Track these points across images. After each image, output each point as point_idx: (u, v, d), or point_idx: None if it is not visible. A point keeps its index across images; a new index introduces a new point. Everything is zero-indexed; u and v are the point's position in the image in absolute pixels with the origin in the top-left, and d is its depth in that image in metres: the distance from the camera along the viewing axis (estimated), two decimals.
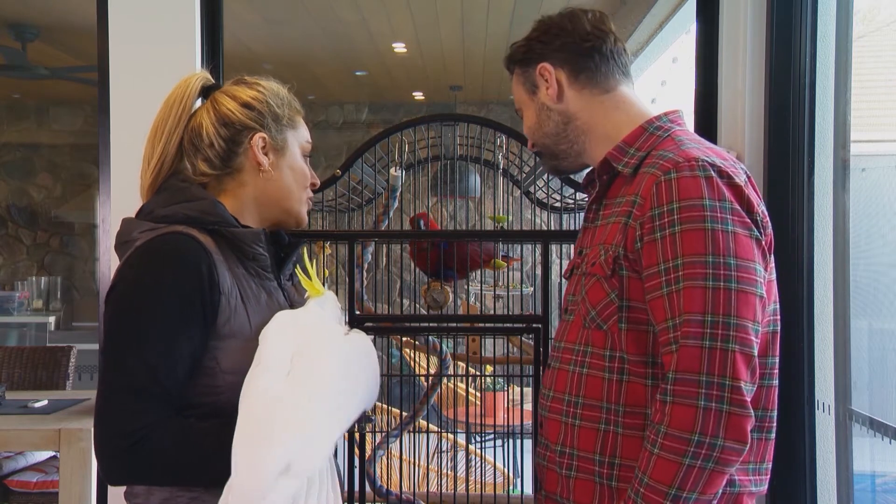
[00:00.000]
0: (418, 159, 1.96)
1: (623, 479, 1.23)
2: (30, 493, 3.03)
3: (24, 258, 7.60)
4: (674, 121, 1.34)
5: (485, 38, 5.19)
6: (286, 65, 5.93)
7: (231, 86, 1.39)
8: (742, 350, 1.13)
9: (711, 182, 1.18)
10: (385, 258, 2.38)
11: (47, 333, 6.47)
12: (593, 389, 1.27)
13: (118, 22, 1.85)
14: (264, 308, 1.29)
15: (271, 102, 1.36)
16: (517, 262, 2.11)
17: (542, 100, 1.39)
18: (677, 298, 1.16)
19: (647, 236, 1.20)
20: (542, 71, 1.38)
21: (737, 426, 1.12)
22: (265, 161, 1.35)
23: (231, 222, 1.30)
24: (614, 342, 1.25)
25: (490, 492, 3.11)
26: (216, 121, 1.33)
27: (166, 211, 1.28)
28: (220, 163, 1.34)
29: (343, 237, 1.85)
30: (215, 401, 1.22)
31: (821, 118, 1.77)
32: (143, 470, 1.17)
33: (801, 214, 1.74)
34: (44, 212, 7.57)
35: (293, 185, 1.39)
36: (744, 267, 1.16)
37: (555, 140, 1.41)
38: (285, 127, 1.38)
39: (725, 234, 1.16)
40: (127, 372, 1.17)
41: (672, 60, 4.78)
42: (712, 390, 1.12)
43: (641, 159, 1.29)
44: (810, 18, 1.76)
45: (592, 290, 1.28)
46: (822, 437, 1.76)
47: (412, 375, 3.66)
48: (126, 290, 1.21)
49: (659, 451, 1.14)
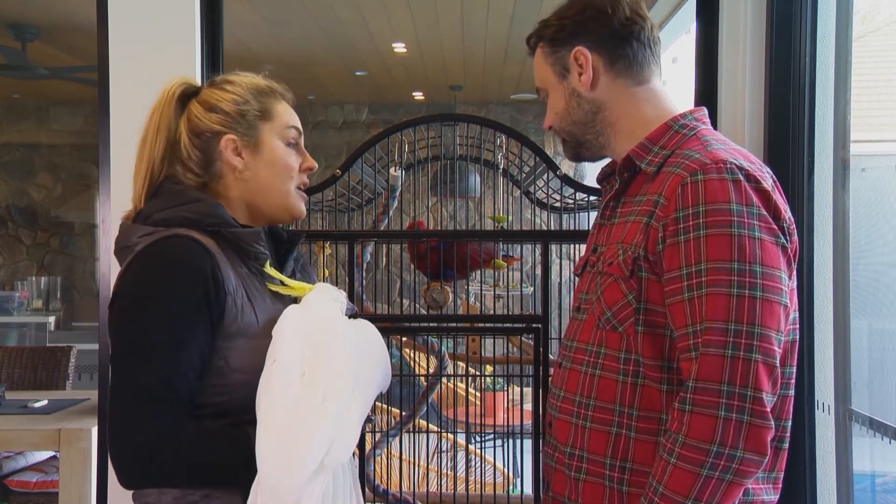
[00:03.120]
0: (418, 159, 1.96)
1: (634, 484, 1.21)
2: (30, 493, 3.03)
3: (24, 258, 7.60)
4: (699, 119, 1.31)
5: (485, 38, 5.19)
6: (286, 65, 5.93)
7: (204, 90, 1.35)
8: (765, 360, 1.11)
9: (739, 186, 1.15)
10: (385, 258, 2.38)
11: (47, 333, 6.47)
12: (606, 392, 1.24)
13: (118, 22, 1.85)
14: (269, 306, 1.28)
15: (237, 100, 1.32)
16: (517, 262, 2.11)
17: (574, 85, 1.32)
18: (699, 304, 1.13)
19: (671, 238, 1.17)
20: (578, 55, 1.31)
21: (757, 437, 1.10)
22: (238, 163, 1.31)
23: (231, 223, 1.29)
24: (630, 344, 1.22)
25: (490, 492, 3.11)
26: (189, 131, 1.32)
27: (165, 214, 1.26)
28: (202, 171, 1.32)
29: (343, 237, 1.85)
30: (226, 400, 1.22)
31: (821, 118, 1.77)
32: (160, 476, 1.19)
33: (801, 214, 1.74)
34: (44, 212, 7.57)
35: (275, 179, 1.33)
36: (769, 275, 1.13)
37: (582, 129, 1.34)
38: (257, 121, 1.32)
39: (752, 241, 1.13)
40: (138, 380, 1.17)
41: (672, 60, 4.77)
42: (733, 400, 1.10)
43: (665, 158, 1.25)
44: (810, 18, 1.76)
45: (609, 290, 1.25)
46: (822, 437, 1.76)
47: (412, 375, 3.66)
48: (130, 297, 1.21)
49: (676, 460, 1.12)
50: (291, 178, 1.36)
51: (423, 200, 6.31)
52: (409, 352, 3.86)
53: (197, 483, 1.21)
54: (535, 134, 7.19)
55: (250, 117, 1.32)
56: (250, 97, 1.33)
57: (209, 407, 1.22)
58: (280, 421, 1.13)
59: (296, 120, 1.38)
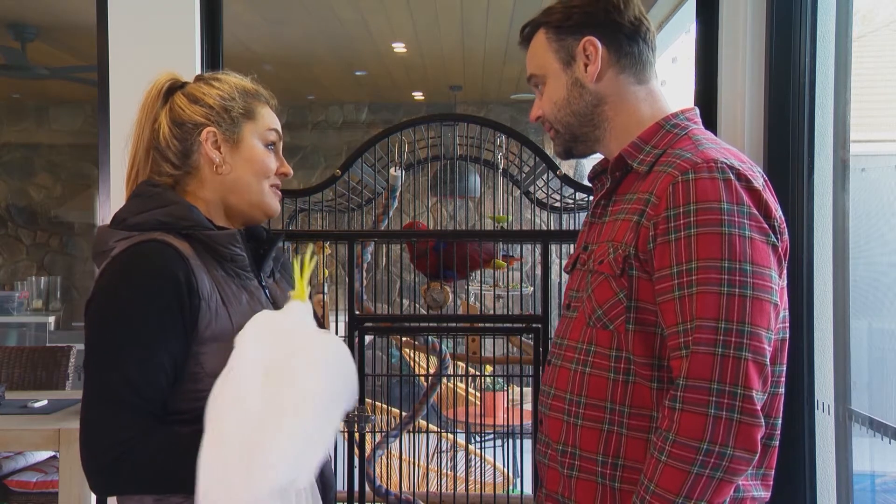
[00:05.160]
0: (418, 159, 1.96)
1: (626, 481, 1.21)
2: (29, 493, 3.03)
3: (23, 258, 7.60)
4: (690, 119, 1.31)
5: (485, 38, 5.19)
6: (286, 65, 5.93)
7: (191, 84, 1.37)
8: (755, 359, 1.12)
9: (730, 185, 1.16)
10: (385, 258, 2.38)
11: (47, 333, 6.47)
12: (597, 389, 1.24)
13: (118, 22, 1.85)
14: (246, 309, 1.27)
15: (223, 95, 1.33)
16: (517, 262, 2.11)
17: (579, 75, 1.31)
18: (690, 303, 1.14)
19: (661, 237, 1.17)
20: (588, 45, 1.30)
21: (747, 435, 1.10)
22: (216, 156, 1.32)
23: (206, 225, 1.29)
24: (620, 342, 1.23)
25: (490, 492, 3.11)
26: (170, 121, 1.32)
27: (139, 218, 1.26)
28: (179, 162, 1.32)
29: (343, 237, 1.85)
30: (201, 405, 1.18)
31: (820, 118, 1.77)
32: (126, 483, 1.18)
33: (801, 214, 1.74)
34: (44, 212, 7.57)
35: (251, 177, 1.34)
36: (759, 274, 1.14)
37: (580, 121, 1.33)
38: (239, 119, 1.33)
39: (742, 240, 1.14)
40: (106, 385, 1.17)
41: (672, 60, 4.78)
42: (723, 399, 1.10)
43: (657, 157, 1.26)
44: (810, 18, 1.76)
45: (599, 288, 1.25)
46: (821, 437, 1.76)
47: (412, 375, 3.66)
48: (102, 302, 1.21)
49: (667, 458, 1.12)
50: (267, 178, 1.36)
51: (423, 200, 6.31)
52: (409, 352, 3.86)
53: (166, 489, 1.20)
54: (534, 134, 7.18)
55: (234, 114, 1.33)
56: (237, 95, 1.34)
57: (184, 413, 1.20)
58: (231, 436, 1.07)
59: (277, 124, 1.39)
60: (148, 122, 1.33)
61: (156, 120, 1.33)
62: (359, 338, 1.82)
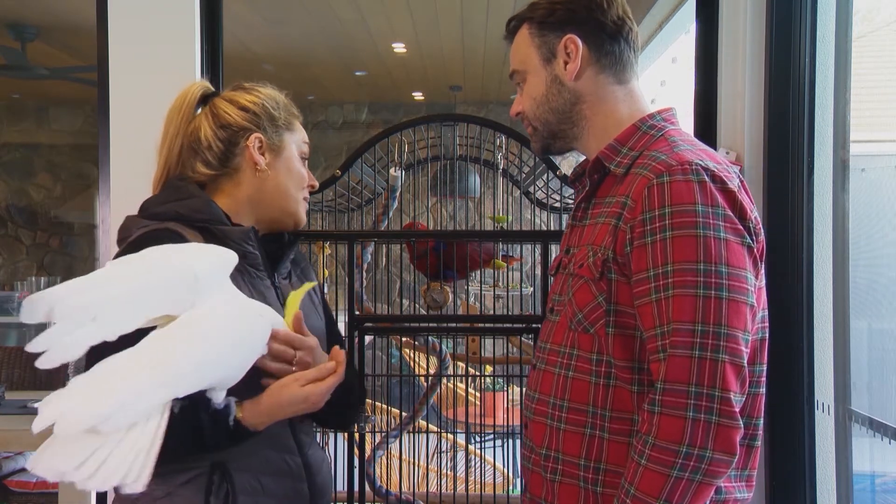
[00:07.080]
0: (418, 159, 1.96)
1: (608, 485, 1.21)
2: (29, 493, 3.03)
3: (23, 258, 7.60)
4: (667, 119, 1.31)
5: (485, 38, 5.19)
6: (286, 65, 5.92)
7: (229, 92, 1.43)
8: (732, 360, 1.12)
9: (704, 187, 1.15)
10: (385, 258, 2.38)
11: None
12: (579, 393, 1.24)
13: (118, 22, 1.85)
14: None
15: (267, 105, 1.41)
16: (517, 262, 2.11)
17: (558, 72, 1.32)
18: (666, 305, 1.14)
19: (638, 240, 1.17)
20: (569, 42, 1.30)
21: (725, 438, 1.11)
22: (261, 161, 1.38)
23: (222, 220, 1.33)
24: (601, 346, 1.22)
25: (490, 492, 3.11)
26: (214, 124, 1.38)
27: (159, 209, 1.32)
28: (217, 164, 1.38)
29: (343, 237, 1.85)
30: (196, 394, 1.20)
31: (820, 118, 1.77)
32: None
33: (801, 214, 1.74)
34: (44, 212, 7.57)
35: (290, 185, 1.42)
36: (735, 275, 1.14)
37: (559, 118, 1.33)
38: (282, 129, 1.42)
39: (717, 242, 1.14)
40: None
41: (672, 60, 4.77)
42: (701, 401, 1.10)
43: (634, 159, 1.26)
44: (810, 18, 1.76)
45: (580, 292, 1.25)
46: (821, 437, 1.76)
47: (412, 375, 3.66)
48: None
49: (647, 462, 1.12)
50: (302, 188, 1.45)
51: (423, 200, 6.31)
52: (409, 352, 3.86)
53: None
54: None
55: (280, 123, 1.41)
56: (280, 107, 1.43)
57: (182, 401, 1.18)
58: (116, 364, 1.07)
59: (307, 139, 1.48)
60: (183, 124, 1.38)
61: (191, 122, 1.39)
62: (359, 338, 1.82)
